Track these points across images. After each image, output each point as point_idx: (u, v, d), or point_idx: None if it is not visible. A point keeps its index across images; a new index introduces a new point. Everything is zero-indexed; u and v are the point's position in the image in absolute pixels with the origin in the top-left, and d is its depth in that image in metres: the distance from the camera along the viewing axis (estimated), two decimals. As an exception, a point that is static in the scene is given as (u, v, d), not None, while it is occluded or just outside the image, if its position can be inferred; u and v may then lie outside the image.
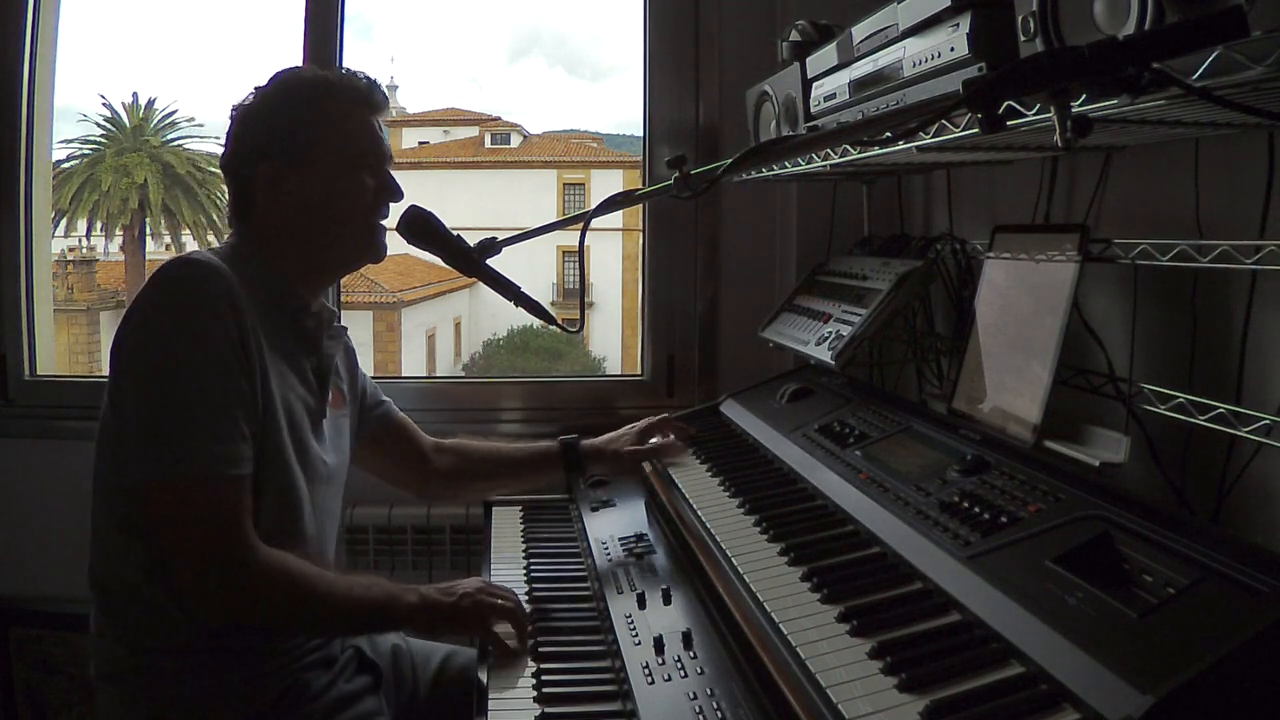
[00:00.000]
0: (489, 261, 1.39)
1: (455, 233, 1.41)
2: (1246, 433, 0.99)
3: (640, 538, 1.44)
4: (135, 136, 16.92)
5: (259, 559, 1.13)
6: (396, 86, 22.51)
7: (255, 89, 1.34)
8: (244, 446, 1.15)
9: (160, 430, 1.13)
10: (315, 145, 1.30)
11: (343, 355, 1.47)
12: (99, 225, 16.57)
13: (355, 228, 1.34)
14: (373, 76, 1.38)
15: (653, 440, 1.70)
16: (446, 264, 1.41)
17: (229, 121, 1.34)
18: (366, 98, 1.35)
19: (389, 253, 1.39)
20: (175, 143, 17.12)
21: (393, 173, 1.38)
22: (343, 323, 1.47)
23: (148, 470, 1.13)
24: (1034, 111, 0.89)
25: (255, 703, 1.20)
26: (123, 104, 17.24)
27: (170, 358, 1.14)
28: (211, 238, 15.83)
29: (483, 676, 1.13)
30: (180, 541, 1.12)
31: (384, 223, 1.39)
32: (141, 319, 1.17)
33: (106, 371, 1.22)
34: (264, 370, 1.20)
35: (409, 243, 1.41)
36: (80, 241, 15.96)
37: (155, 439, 1.13)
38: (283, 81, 1.35)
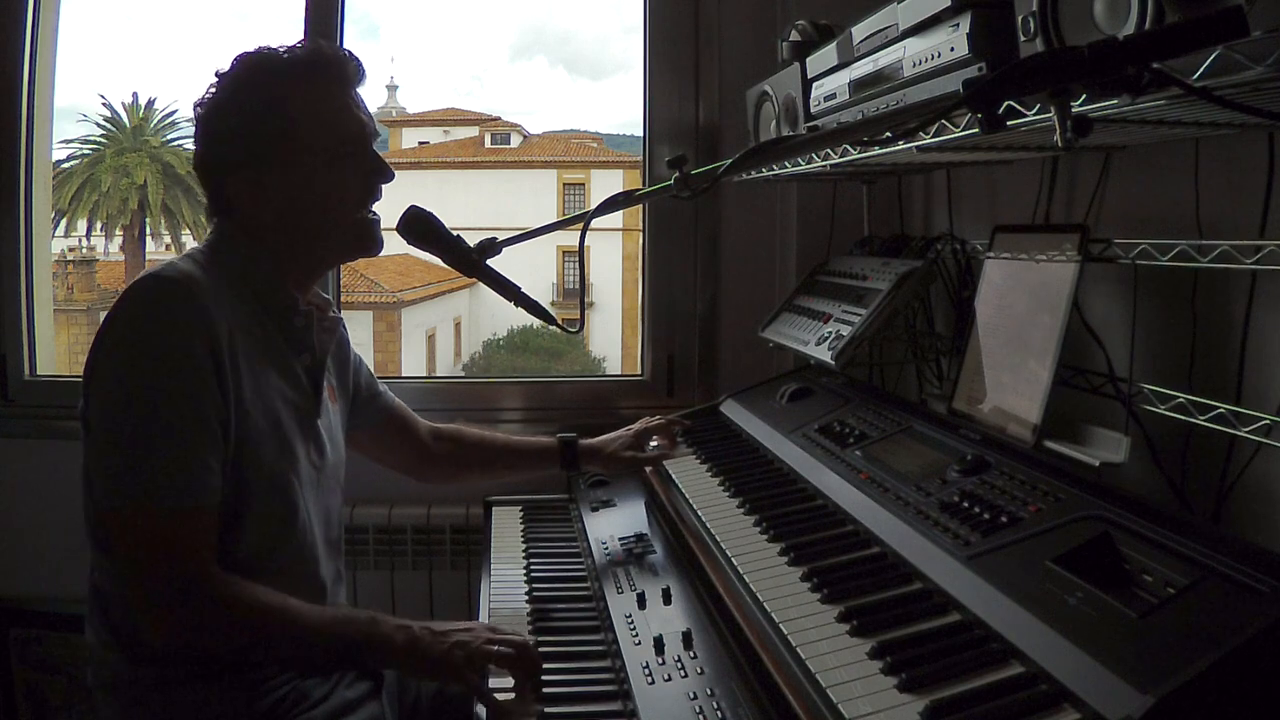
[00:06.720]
0: (489, 262, 1.39)
1: (455, 233, 1.40)
2: (1246, 433, 0.99)
3: (640, 538, 1.44)
4: (135, 136, 16.94)
5: (214, 592, 1.09)
6: (397, 86, 22.50)
7: (216, 78, 1.23)
8: (209, 477, 1.11)
9: (124, 461, 1.09)
10: (292, 141, 1.21)
11: (335, 349, 1.40)
12: (99, 225, 16.60)
13: (347, 222, 1.27)
14: (345, 48, 1.27)
15: (652, 444, 1.70)
16: (446, 264, 1.41)
17: (194, 120, 1.24)
18: (339, 74, 1.24)
19: (389, 252, 1.37)
20: (175, 143, 17.14)
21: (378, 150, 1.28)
22: (337, 313, 1.37)
23: (110, 499, 1.10)
24: (1034, 111, 0.89)
25: (254, 712, 1.17)
26: (123, 104, 17.31)
27: (137, 388, 1.10)
28: (211, 237, 15.83)
29: (480, 711, 1.07)
30: (134, 571, 1.10)
31: (377, 207, 1.30)
32: (111, 345, 1.12)
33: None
34: (240, 385, 1.15)
35: (409, 243, 1.40)
36: (80, 241, 15.98)
37: (119, 469, 1.09)
38: (247, 70, 1.23)
